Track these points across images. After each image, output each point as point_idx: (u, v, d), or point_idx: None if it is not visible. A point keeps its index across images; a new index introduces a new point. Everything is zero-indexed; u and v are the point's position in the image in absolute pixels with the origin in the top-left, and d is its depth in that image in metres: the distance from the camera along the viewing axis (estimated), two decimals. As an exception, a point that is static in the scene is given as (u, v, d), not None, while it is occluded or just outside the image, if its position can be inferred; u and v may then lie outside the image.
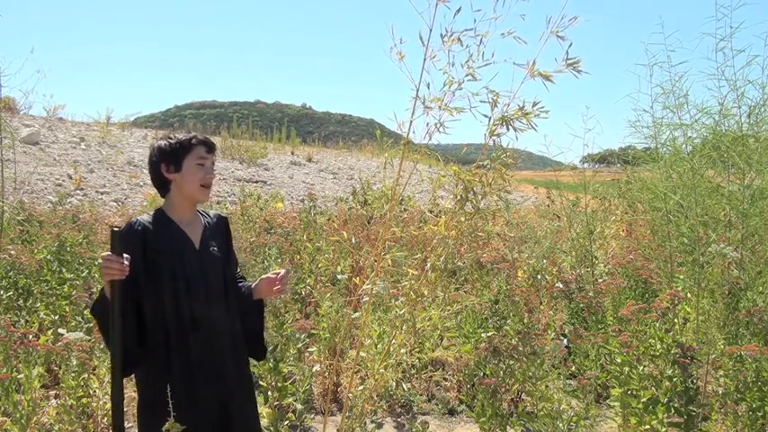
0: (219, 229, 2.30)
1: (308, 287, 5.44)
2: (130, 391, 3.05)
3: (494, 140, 2.52)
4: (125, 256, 1.91)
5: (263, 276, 2.33)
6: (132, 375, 2.17)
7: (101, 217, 7.99)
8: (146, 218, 2.14)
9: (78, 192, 11.47)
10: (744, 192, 4.25)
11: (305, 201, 9.12)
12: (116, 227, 1.92)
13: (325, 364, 4.22)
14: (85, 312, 4.19)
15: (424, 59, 2.46)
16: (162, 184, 2.18)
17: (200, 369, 2.10)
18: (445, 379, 4.67)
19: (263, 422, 3.34)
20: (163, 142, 2.17)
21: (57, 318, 4.61)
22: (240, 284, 2.36)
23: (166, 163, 2.14)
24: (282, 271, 2.29)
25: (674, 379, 2.97)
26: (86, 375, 3.39)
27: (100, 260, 1.91)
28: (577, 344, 4.09)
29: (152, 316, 2.06)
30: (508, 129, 2.46)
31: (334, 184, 17.38)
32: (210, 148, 2.20)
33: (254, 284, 2.34)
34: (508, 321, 4.27)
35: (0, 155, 5.23)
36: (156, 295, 2.06)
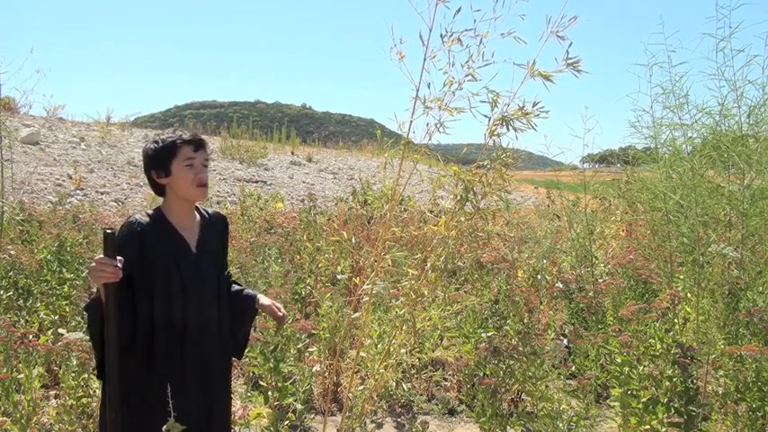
0: (217, 229, 2.28)
1: (308, 287, 5.44)
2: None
3: (494, 140, 2.52)
4: (118, 258, 1.88)
5: (273, 303, 2.38)
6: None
7: (101, 217, 7.98)
8: (144, 218, 2.11)
9: (78, 192, 11.47)
10: (744, 192, 4.25)
11: (305, 201, 9.11)
12: (109, 229, 1.89)
13: (325, 364, 4.22)
14: (86, 313, 4.18)
15: (424, 59, 2.47)
16: (157, 189, 2.17)
17: (188, 370, 2.10)
18: (445, 379, 4.67)
19: (263, 422, 3.34)
20: (149, 147, 2.13)
21: (57, 318, 4.61)
22: (240, 289, 2.39)
23: (156, 169, 2.11)
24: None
25: (674, 379, 2.97)
26: (86, 375, 3.39)
27: (92, 263, 1.86)
28: (577, 344, 4.09)
29: (143, 315, 2.04)
30: (508, 129, 2.46)
31: (334, 184, 17.37)
32: (198, 145, 2.12)
33: (260, 299, 2.37)
34: (508, 321, 4.27)
35: (0, 155, 5.22)
36: (149, 295, 2.04)
